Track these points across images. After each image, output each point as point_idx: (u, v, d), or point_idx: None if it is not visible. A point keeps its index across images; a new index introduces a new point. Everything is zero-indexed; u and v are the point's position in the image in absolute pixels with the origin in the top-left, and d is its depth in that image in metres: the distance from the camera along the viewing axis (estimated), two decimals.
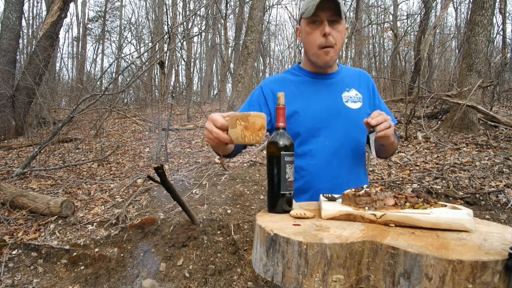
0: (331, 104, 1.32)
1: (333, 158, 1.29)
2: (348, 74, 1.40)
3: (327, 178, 1.29)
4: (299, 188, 1.32)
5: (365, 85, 1.39)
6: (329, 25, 1.23)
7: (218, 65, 17.38)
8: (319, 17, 1.22)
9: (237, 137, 0.88)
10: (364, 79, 1.41)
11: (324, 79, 1.35)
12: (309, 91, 1.34)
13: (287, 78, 1.38)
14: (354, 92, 1.35)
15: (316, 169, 1.29)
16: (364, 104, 1.34)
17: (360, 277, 0.76)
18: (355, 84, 1.37)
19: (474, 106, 5.10)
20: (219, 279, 2.71)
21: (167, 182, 2.72)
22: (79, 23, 18.87)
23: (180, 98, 12.20)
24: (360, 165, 1.36)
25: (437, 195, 3.41)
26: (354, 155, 1.32)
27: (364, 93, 1.37)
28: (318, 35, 1.24)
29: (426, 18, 9.06)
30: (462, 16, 14.77)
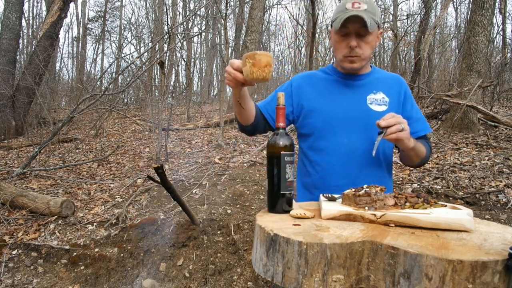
0: (353, 104, 1.33)
1: (348, 158, 1.30)
2: (380, 77, 1.40)
3: (340, 176, 1.30)
4: (312, 183, 1.37)
5: (395, 90, 1.37)
6: (357, 37, 1.25)
7: (218, 65, 17.38)
8: (347, 29, 1.24)
9: (247, 74, 0.99)
10: (396, 84, 1.39)
11: (352, 80, 1.37)
12: (334, 90, 1.37)
13: (317, 75, 1.43)
14: (381, 95, 1.35)
15: (329, 166, 1.32)
16: (390, 108, 1.32)
17: (360, 277, 0.76)
18: (384, 88, 1.36)
19: (474, 106, 5.10)
20: (219, 279, 2.71)
21: (167, 182, 2.72)
22: (79, 23, 18.88)
23: (180, 98, 12.19)
24: (380, 168, 1.34)
25: (437, 195, 3.41)
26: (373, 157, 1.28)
27: (393, 97, 1.36)
28: (344, 46, 1.28)
29: (426, 18, 9.05)
30: (462, 16, 14.77)
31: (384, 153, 1.35)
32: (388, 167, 1.39)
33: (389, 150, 1.38)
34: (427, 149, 1.34)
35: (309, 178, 1.38)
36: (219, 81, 14.33)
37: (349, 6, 1.23)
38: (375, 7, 1.25)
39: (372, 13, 1.23)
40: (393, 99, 1.35)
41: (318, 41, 12.99)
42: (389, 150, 1.38)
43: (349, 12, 1.20)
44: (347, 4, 1.23)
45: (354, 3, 1.22)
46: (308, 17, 12.79)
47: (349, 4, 1.23)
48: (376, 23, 1.24)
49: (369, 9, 1.22)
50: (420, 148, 1.28)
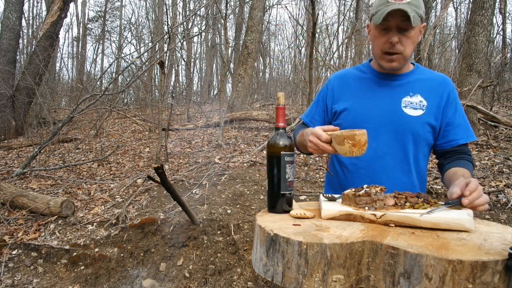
0: (386, 106, 1.25)
1: (376, 162, 1.24)
2: (421, 78, 1.29)
3: (366, 180, 1.22)
4: (339, 183, 1.33)
5: (437, 93, 1.26)
6: (398, 32, 1.17)
7: (218, 65, 17.38)
8: (389, 23, 1.16)
9: (345, 152, 1.02)
10: (439, 87, 1.27)
11: (389, 80, 1.29)
12: (367, 90, 1.30)
13: (351, 74, 1.37)
14: (419, 98, 1.24)
15: (355, 169, 1.27)
16: (427, 113, 1.23)
17: (360, 277, 0.76)
18: (423, 90, 1.26)
19: (474, 106, 5.10)
20: (219, 279, 2.71)
21: (167, 182, 2.72)
22: (79, 23, 18.87)
23: (180, 98, 12.19)
24: (409, 176, 1.26)
25: (437, 195, 3.41)
26: (401, 163, 1.24)
27: (433, 101, 1.24)
28: (384, 41, 1.19)
29: (426, 18, 9.06)
30: (462, 16, 14.78)
31: (416, 160, 1.26)
32: (420, 176, 1.29)
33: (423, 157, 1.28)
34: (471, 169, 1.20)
35: (337, 177, 1.35)
36: (219, 81, 14.33)
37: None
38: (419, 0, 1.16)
39: (416, 6, 1.14)
40: (432, 103, 1.24)
41: (318, 41, 12.99)
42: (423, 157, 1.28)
43: (392, 6, 1.12)
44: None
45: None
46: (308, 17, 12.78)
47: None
48: (420, 16, 1.15)
49: (413, 2, 1.14)
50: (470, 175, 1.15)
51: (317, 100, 1.43)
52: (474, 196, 0.90)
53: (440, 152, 1.32)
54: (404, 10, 1.11)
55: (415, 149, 1.25)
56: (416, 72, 1.31)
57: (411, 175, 1.26)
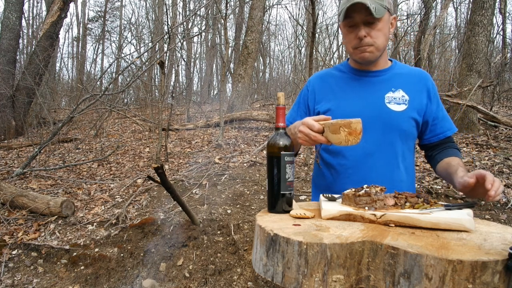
0: (370, 103, 1.24)
1: (364, 161, 1.23)
2: (401, 74, 1.29)
3: (355, 180, 1.22)
4: (327, 186, 1.31)
5: (418, 88, 1.27)
6: (366, 26, 1.16)
7: (218, 65, 17.38)
8: (354, 20, 1.17)
9: (340, 141, 1.01)
10: (419, 81, 1.28)
11: (369, 77, 1.28)
12: (349, 89, 1.29)
13: (331, 74, 1.36)
14: (401, 93, 1.25)
15: (344, 170, 1.26)
16: (410, 107, 1.23)
17: (360, 277, 0.76)
18: (404, 85, 1.26)
19: (474, 106, 5.10)
20: (219, 279, 2.71)
21: (167, 182, 2.72)
22: (79, 23, 18.87)
23: (180, 98, 12.19)
24: (398, 172, 1.25)
25: (437, 195, 3.41)
26: (389, 160, 1.23)
27: (414, 96, 1.25)
28: (353, 37, 1.20)
29: (426, 18, 9.06)
30: (462, 16, 14.77)
31: (403, 155, 1.26)
32: (408, 170, 1.29)
33: (409, 152, 1.28)
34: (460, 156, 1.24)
35: (324, 180, 1.33)
36: (219, 81, 14.33)
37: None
38: None
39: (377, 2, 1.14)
40: (414, 98, 1.25)
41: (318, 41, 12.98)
42: (409, 152, 1.28)
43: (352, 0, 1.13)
44: None
45: None
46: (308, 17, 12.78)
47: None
48: (385, 8, 1.15)
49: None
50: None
51: (298, 102, 1.41)
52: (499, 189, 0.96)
53: (428, 146, 1.34)
54: (363, 3, 1.10)
55: (402, 144, 1.25)
56: (395, 68, 1.32)
57: (399, 171, 1.26)
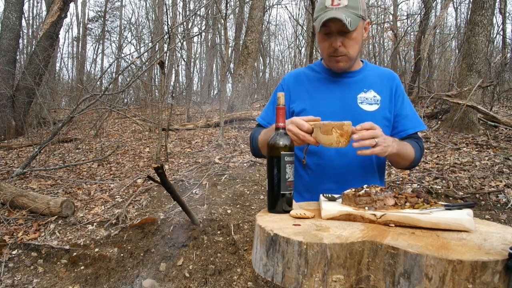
0: (343, 104, 1.28)
1: (339, 160, 1.26)
2: (371, 74, 1.33)
3: (331, 179, 1.27)
4: (304, 186, 1.33)
5: (387, 87, 1.31)
6: (340, 36, 1.19)
7: (218, 65, 17.38)
8: (329, 29, 1.19)
9: (331, 142, 1.03)
10: (388, 81, 1.32)
11: (342, 78, 1.31)
12: (323, 89, 1.32)
13: (305, 74, 1.39)
14: (373, 93, 1.29)
15: (320, 169, 1.28)
16: (381, 107, 1.28)
17: (360, 277, 0.76)
18: (375, 86, 1.30)
19: (474, 106, 5.10)
20: (219, 279, 2.71)
21: (167, 182, 2.72)
22: (79, 23, 18.87)
23: (180, 98, 12.19)
24: (371, 170, 1.30)
25: (437, 195, 3.41)
26: (364, 159, 1.26)
27: (385, 95, 1.30)
28: (328, 45, 1.23)
29: (426, 18, 9.05)
30: (462, 16, 14.77)
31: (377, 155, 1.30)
32: (380, 170, 1.34)
33: None
34: (417, 150, 1.26)
35: (301, 181, 1.35)
36: (219, 81, 14.33)
37: (328, 3, 1.17)
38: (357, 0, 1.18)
39: (354, 7, 1.16)
40: (385, 97, 1.29)
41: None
42: None
43: (329, 12, 1.15)
44: (327, 1, 1.17)
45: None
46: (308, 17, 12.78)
47: (329, 2, 1.17)
48: (360, 17, 1.18)
49: (351, 4, 1.16)
50: (406, 151, 1.20)
51: (272, 101, 1.42)
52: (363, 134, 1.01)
53: None
54: (339, 19, 1.13)
55: None
56: (366, 69, 1.35)
57: (373, 169, 1.30)
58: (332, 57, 1.24)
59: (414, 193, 1.02)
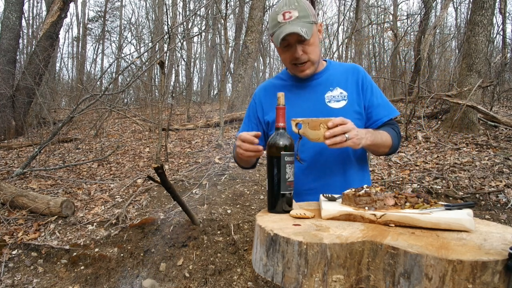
0: (312, 106, 1.32)
1: (317, 159, 1.30)
2: (335, 72, 1.37)
3: (312, 178, 1.31)
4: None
5: (353, 82, 1.34)
6: (299, 44, 1.23)
7: (218, 65, 17.38)
8: (288, 42, 1.23)
9: (319, 137, 1.06)
10: (352, 75, 1.35)
11: (307, 81, 1.36)
12: (291, 96, 1.35)
13: (273, 84, 1.45)
14: (339, 90, 1.32)
15: (300, 171, 1.31)
16: (349, 102, 1.31)
17: (360, 277, 0.76)
18: (340, 82, 1.34)
19: (474, 106, 5.10)
20: (219, 279, 2.71)
21: (167, 182, 2.72)
22: (79, 23, 18.88)
23: (180, 98, 12.20)
24: (351, 164, 1.33)
25: (437, 195, 3.41)
26: (341, 154, 1.30)
27: (351, 90, 1.33)
28: (290, 56, 1.27)
29: (426, 18, 9.06)
30: (462, 16, 14.78)
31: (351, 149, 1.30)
32: (360, 161, 1.36)
33: None
34: (393, 136, 1.28)
35: None
36: (219, 81, 14.33)
37: (280, 18, 1.21)
38: (305, 7, 1.22)
39: (305, 16, 1.20)
40: (352, 92, 1.32)
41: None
42: None
43: (283, 28, 1.19)
44: (279, 17, 1.21)
45: (285, 13, 1.20)
46: None
47: (280, 17, 1.21)
48: (312, 23, 1.22)
49: (301, 14, 1.20)
50: (382, 139, 1.22)
51: (247, 115, 1.48)
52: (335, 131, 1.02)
53: None
54: (296, 32, 1.17)
55: None
56: (330, 68, 1.39)
57: (351, 163, 1.33)
58: (296, 66, 1.29)
59: (414, 193, 1.02)
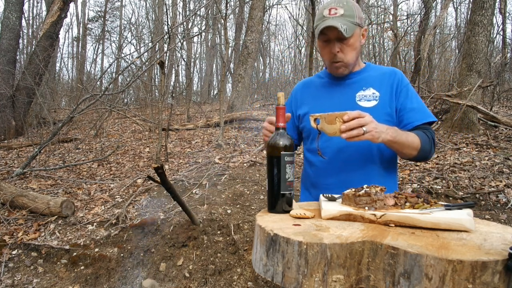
0: (342, 103, 1.35)
1: (339, 155, 1.32)
2: (372, 74, 1.39)
3: (332, 174, 1.34)
4: (311, 183, 1.44)
5: (387, 83, 1.35)
6: (338, 42, 1.27)
7: (218, 65, 17.38)
8: (327, 36, 1.27)
9: (335, 131, 1.06)
10: (389, 78, 1.36)
11: (342, 80, 1.40)
12: (325, 93, 1.43)
13: (312, 82, 1.51)
14: (371, 91, 1.35)
15: (322, 165, 1.36)
16: (381, 103, 1.32)
17: (360, 277, 0.76)
18: (375, 83, 1.36)
19: (474, 106, 5.10)
20: (219, 279, 2.71)
21: (167, 182, 2.72)
22: (79, 23, 18.88)
23: (180, 98, 12.20)
24: (373, 165, 1.32)
25: (437, 195, 3.41)
26: (364, 153, 1.31)
27: (385, 91, 1.34)
28: (328, 52, 1.32)
29: (426, 18, 9.05)
30: (462, 16, 14.78)
31: (379, 149, 1.31)
32: (387, 164, 1.34)
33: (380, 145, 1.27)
34: (424, 139, 1.23)
35: (308, 178, 1.45)
36: (219, 81, 14.33)
37: (326, 13, 1.26)
38: (353, 8, 1.26)
39: (350, 16, 1.25)
40: (385, 93, 1.33)
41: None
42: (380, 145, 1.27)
43: (326, 21, 1.24)
44: (325, 11, 1.27)
45: (331, 9, 1.25)
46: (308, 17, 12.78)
47: (326, 11, 1.26)
48: (356, 24, 1.26)
49: (346, 13, 1.24)
50: (408, 139, 1.18)
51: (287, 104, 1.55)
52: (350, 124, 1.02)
53: None
54: (335, 26, 1.21)
55: None
56: (367, 69, 1.41)
57: (375, 164, 1.33)
58: (333, 64, 1.33)
59: (414, 193, 1.02)
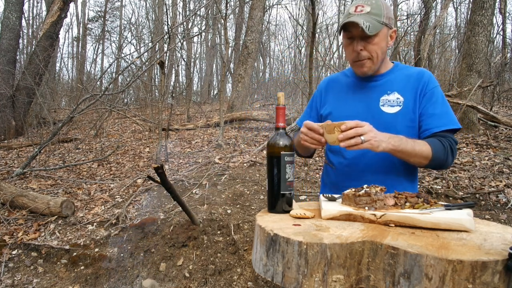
0: (365, 106, 1.32)
1: (359, 159, 1.30)
2: (398, 76, 1.33)
3: (352, 178, 1.31)
4: (331, 182, 1.43)
5: (413, 87, 1.29)
6: (362, 40, 1.24)
7: (218, 65, 17.38)
8: (351, 33, 1.25)
9: (334, 140, 1.06)
10: (415, 81, 1.30)
11: (367, 82, 1.35)
12: (349, 93, 1.38)
13: (337, 79, 1.47)
14: (396, 95, 1.29)
15: (342, 167, 1.35)
16: (404, 109, 1.27)
17: (360, 277, 0.76)
18: (400, 87, 1.30)
19: (474, 106, 5.10)
20: (219, 279, 2.71)
21: (167, 182, 2.72)
22: (79, 23, 18.88)
23: (180, 98, 12.20)
24: (394, 173, 1.29)
25: (437, 195, 3.41)
26: (385, 159, 1.26)
27: (409, 96, 1.28)
28: (351, 50, 1.28)
29: (426, 18, 9.06)
30: (462, 16, 14.78)
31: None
32: (408, 171, 1.30)
33: None
34: (437, 147, 1.17)
35: (328, 177, 1.46)
36: (219, 81, 14.33)
37: (352, 10, 1.23)
38: (381, 7, 1.22)
39: (376, 14, 1.20)
40: (409, 98, 1.28)
41: (318, 41, 12.98)
42: None
43: (350, 17, 1.21)
44: (351, 8, 1.24)
45: (358, 6, 1.22)
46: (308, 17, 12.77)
47: (352, 8, 1.23)
48: (383, 23, 1.21)
49: (373, 11, 1.21)
50: (414, 148, 1.14)
51: (310, 105, 1.53)
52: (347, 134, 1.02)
53: None
54: (356, 22, 1.18)
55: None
56: (394, 71, 1.36)
57: (396, 170, 1.29)
58: (356, 62, 1.29)
59: (414, 193, 1.02)
